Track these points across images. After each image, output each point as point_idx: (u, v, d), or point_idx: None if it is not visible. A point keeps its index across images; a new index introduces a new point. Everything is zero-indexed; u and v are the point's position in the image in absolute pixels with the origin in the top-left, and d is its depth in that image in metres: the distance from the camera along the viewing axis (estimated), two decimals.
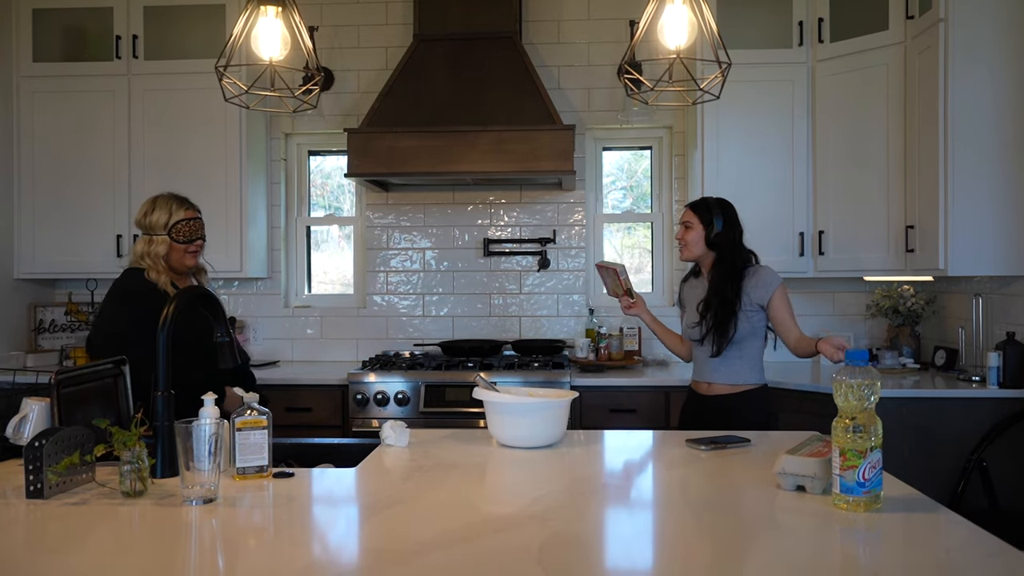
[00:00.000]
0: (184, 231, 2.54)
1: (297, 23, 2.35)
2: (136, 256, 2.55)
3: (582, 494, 1.73)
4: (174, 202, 2.57)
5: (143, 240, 2.54)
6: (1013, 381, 3.12)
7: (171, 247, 2.53)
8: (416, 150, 3.70)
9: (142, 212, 2.57)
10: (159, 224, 2.52)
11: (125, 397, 2.08)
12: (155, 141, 4.02)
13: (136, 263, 2.55)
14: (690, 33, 2.18)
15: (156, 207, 2.55)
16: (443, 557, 1.32)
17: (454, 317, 4.29)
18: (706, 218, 2.80)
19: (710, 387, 2.80)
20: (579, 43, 4.23)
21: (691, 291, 2.92)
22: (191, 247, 2.56)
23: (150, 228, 2.54)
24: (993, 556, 1.32)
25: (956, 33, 3.19)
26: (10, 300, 4.07)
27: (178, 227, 2.53)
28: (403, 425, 2.18)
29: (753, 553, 1.37)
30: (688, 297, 2.93)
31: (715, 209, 2.81)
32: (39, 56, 4.07)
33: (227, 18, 3.95)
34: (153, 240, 2.52)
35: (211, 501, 1.62)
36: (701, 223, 2.80)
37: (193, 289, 2.02)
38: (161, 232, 2.52)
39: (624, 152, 4.48)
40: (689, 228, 2.81)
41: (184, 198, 2.61)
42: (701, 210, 2.82)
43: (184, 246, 2.54)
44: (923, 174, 3.36)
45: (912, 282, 3.84)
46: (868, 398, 1.57)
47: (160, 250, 2.51)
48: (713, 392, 2.80)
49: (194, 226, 2.57)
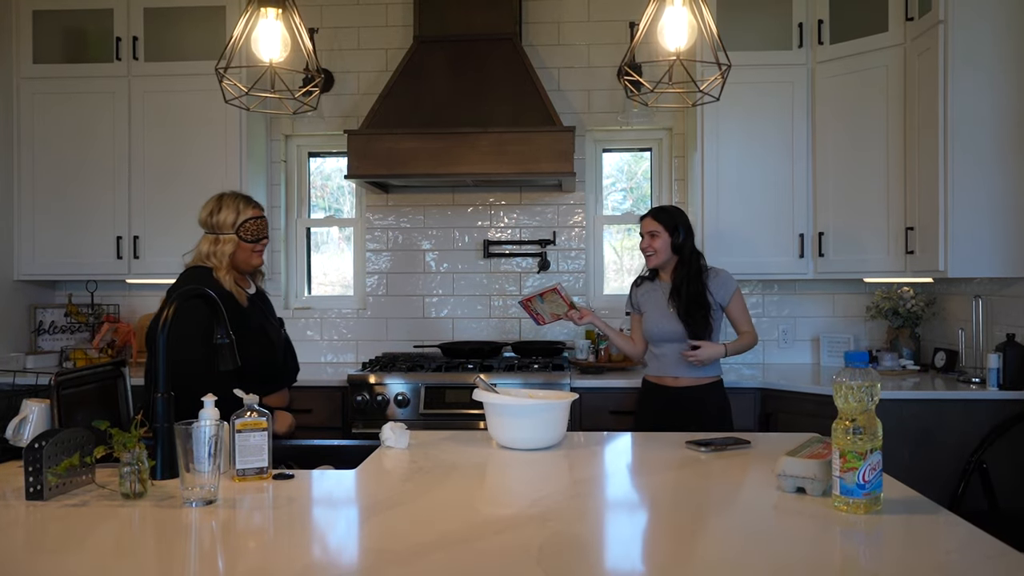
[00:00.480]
0: (252, 230, 2.51)
1: (297, 25, 2.35)
2: (201, 255, 2.51)
3: (582, 495, 1.73)
4: (241, 201, 2.53)
5: (208, 240, 2.50)
6: (1013, 383, 3.12)
7: (239, 246, 2.50)
8: (416, 152, 3.70)
9: (207, 211, 2.53)
10: (226, 223, 2.49)
11: (125, 399, 2.08)
12: (155, 143, 4.02)
13: (200, 262, 2.50)
14: (690, 35, 2.18)
15: (223, 206, 2.51)
16: (443, 558, 1.32)
17: (454, 319, 4.29)
18: (670, 225, 3.04)
19: (677, 380, 3.04)
20: (579, 45, 4.23)
21: (650, 295, 3.12)
22: (258, 246, 2.54)
23: (217, 227, 2.49)
24: (993, 558, 1.32)
25: (956, 35, 3.19)
26: (10, 301, 4.07)
27: (246, 226, 2.50)
28: (403, 427, 2.18)
29: (753, 555, 1.37)
30: (647, 301, 3.12)
31: (677, 217, 3.06)
32: (39, 58, 4.07)
33: (227, 20, 3.95)
34: (220, 239, 2.48)
35: (211, 503, 1.62)
36: (666, 230, 3.03)
37: (193, 290, 2.02)
38: (229, 231, 2.48)
39: (624, 154, 4.48)
40: (656, 236, 3.04)
41: (248, 196, 2.58)
42: (663, 218, 3.05)
43: (251, 245, 2.52)
44: (923, 176, 3.36)
45: (912, 284, 3.84)
46: (868, 400, 1.56)
47: (227, 249, 2.48)
48: (680, 384, 3.04)
49: (260, 225, 2.55)
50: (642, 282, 3.18)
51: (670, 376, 3.06)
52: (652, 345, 3.13)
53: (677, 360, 3.02)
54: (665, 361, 3.07)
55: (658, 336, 3.07)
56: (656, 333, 3.07)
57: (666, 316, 3.03)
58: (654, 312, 3.08)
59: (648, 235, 3.05)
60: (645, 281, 3.17)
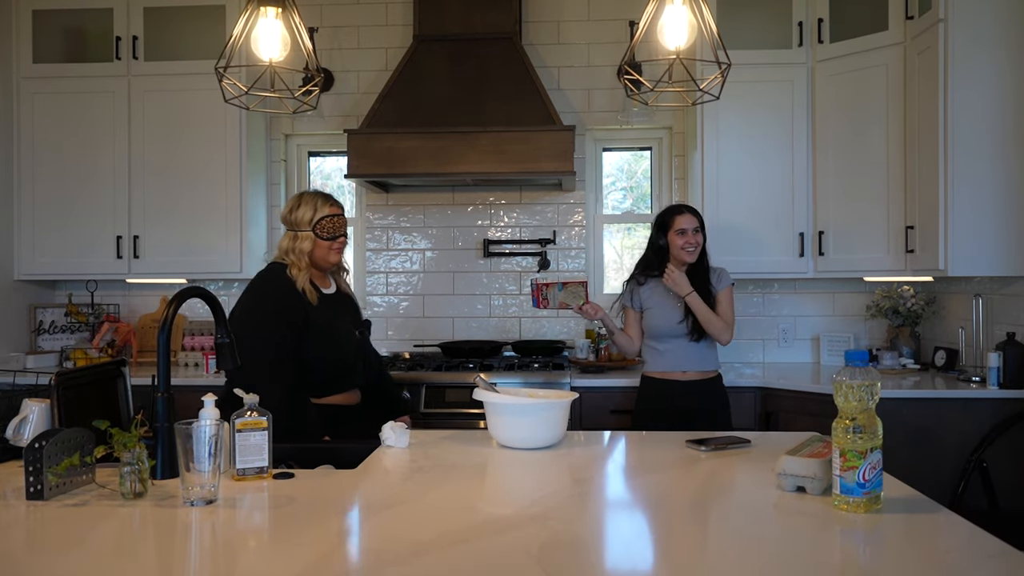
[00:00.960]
0: (328, 227, 2.55)
1: (297, 24, 2.35)
2: (280, 252, 2.58)
3: (582, 495, 1.73)
4: (319, 198, 2.58)
5: (288, 236, 2.58)
6: (1013, 382, 3.12)
7: (315, 243, 2.54)
8: (416, 151, 3.70)
9: (288, 209, 2.59)
10: (304, 220, 2.54)
11: (125, 398, 2.08)
12: (155, 142, 4.02)
13: (280, 258, 2.58)
14: (690, 34, 2.18)
15: (301, 203, 2.57)
16: (443, 558, 1.32)
17: (454, 318, 4.29)
18: (702, 223, 3.15)
19: (684, 375, 3.10)
20: (579, 44, 4.23)
21: (657, 292, 3.15)
22: (335, 244, 2.58)
23: (295, 224, 2.55)
24: (993, 557, 1.32)
25: (956, 33, 3.19)
26: (10, 301, 4.07)
27: (322, 223, 2.54)
28: (403, 426, 2.19)
29: (753, 554, 1.37)
30: (653, 297, 3.15)
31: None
32: (39, 57, 4.07)
33: (227, 19, 3.94)
34: (298, 236, 2.54)
35: (211, 502, 1.62)
36: (702, 227, 3.14)
37: (193, 290, 2.02)
38: (306, 228, 2.54)
39: (624, 153, 4.48)
40: (699, 232, 3.12)
41: (328, 195, 2.62)
42: (699, 215, 3.15)
43: (328, 243, 2.56)
44: (923, 174, 3.36)
45: (912, 282, 3.84)
46: (868, 399, 1.56)
47: (305, 246, 2.53)
48: (688, 378, 3.11)
49: (338, 223, 2.58)
50: (646, 279, 3.18)
51: (677, 371, 3.10)
52: (656, 341, 3.15)
53: (684, 355, 3.09)
54: (671, 357, 3.11)
55: (666, 332, 3.10)
56: (665, 329, 3.10)
57: (676, 312, 3.09)
58: (662, 309, 3.12)
59: (692, 231, 3.10)
60: (650, 279, 3.17)
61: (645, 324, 3.17)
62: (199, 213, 4.01)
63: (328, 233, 2.55)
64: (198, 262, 4.02)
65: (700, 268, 3.12)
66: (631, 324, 3.23)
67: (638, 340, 3.23)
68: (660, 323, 3.12)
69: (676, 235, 3.09)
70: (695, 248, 3.09)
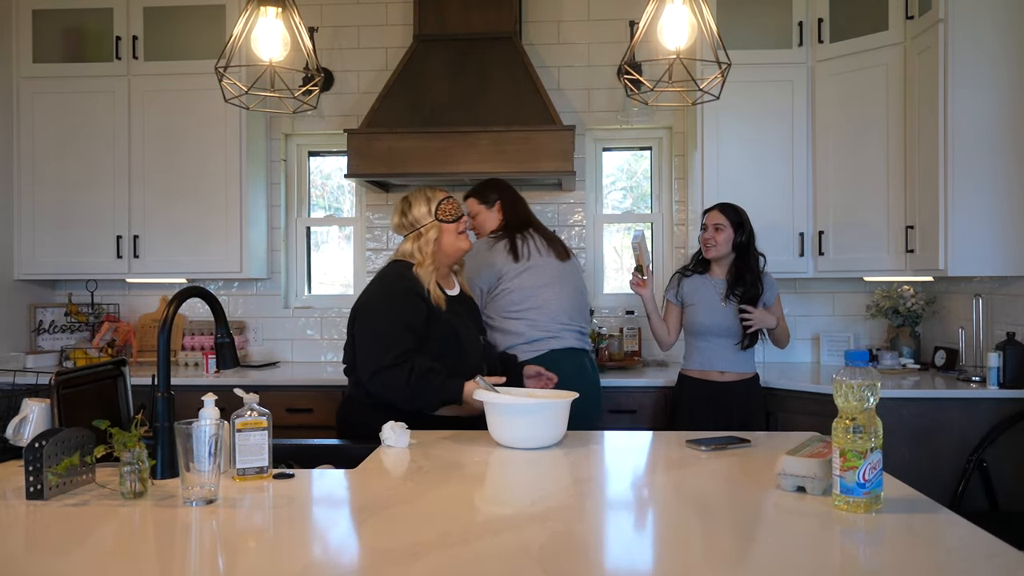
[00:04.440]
0: (448, 210, 2.47)
1: (297, 24, 2.35)
2: (405, 255, 2.47)
3: (582, 495, 1.73)
4: (426, 190, 2.50)
5: (410, 238, 2.47)
6: (1013, 381, 3.11)
7: (442, 230, 2.45)
8: (416, 151, 3.70)
9: (399, 214, 2.50)
10: (423, 214, 2.46)
11: (125, 398, 2.08)
12: (155, 142, 4.02)
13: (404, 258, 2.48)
14: (690, 33, 2.18)
15: (413, 202, 2.48)
16: (443, 558, 1.32)
17: None
18: (735, 222, 3.15)
19: (723, 375, 3.13)
20: (579, 44, 4.23)
21: (700, 288, 3.17)
22: (460, 225, 2.49)
23: (415, 222, 2.47)
24: (993, 557, 1.32)
25: (956, 33, 3.19)
26: (10, 301, 4.07)
27: (442, 207, 2.46)
28: (403, 426, 2.18)
29: (753, 554, 1.37)
30: (696, 293, 3.17)
31: (743, 215, 3.18)
32: (39, 57, 4.07)
33: (227, 19, 3.95)
34: (421, 232, 2.45)
35: (211, 502, 1.62)
36: (731, 226, 3.14)
37: (193, 290, 2.02)
38: (428, 219, 2.45)
39: (624, 152, 4.48)
40: (720, 230, 3.14)
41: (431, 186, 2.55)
42: (730, 213, 3.16)
43: (454, 225, 2.47)
44: (923, 174, 3.36)
45: (912, 282, 3.84)
46: (868, 399, 1.56)
47: (432, 235, 2.44)
48: (726, 379, 3.13)
49: (454, 204, 2.49)
50: (691, 275, 3.22)
51: (716, 371, 3.14)
52: (696, 339, 3.17)
53: (724, 355, 3.13)
54: (710, 355, 3.14)
55: (709, 329, 3.13)
56: (708, 326, 3.13)
57: (719, 310, 3.12)
58: (705, 306, 3.14)
59: (713, 227, 3.14)
60: (695, 274, 3.22)
61: (686, 320, 3.20)
62: (199, 213, 4.01)
63: (451, 215, 2.46)
64: (198, 262, 4.02)
65: (746, 268, 3.13)
66: (671, 317, 3.26)
67: (675, 334, 3.25)
68: (702, 320, 3.14)
69: (702, 231, 3.20)
70: (715, 245, 3.13)
